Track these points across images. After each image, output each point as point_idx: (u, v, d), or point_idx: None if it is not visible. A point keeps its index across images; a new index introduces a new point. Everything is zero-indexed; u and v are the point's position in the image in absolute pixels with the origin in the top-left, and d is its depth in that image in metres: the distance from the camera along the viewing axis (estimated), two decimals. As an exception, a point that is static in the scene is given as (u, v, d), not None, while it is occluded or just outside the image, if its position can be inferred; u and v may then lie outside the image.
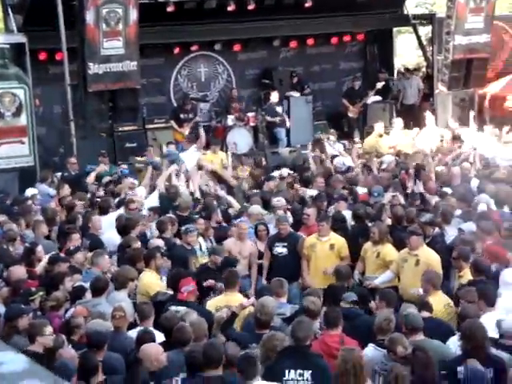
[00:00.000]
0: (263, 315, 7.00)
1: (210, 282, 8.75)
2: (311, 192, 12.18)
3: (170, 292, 8.16)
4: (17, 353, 1.70)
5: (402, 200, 11.19)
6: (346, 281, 8.62)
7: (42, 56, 16.14)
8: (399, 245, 9.51)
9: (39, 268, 8.99)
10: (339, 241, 9.90)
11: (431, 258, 8.97)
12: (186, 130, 16.85)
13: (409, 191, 11.75)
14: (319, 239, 9.87)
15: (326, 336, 6.85)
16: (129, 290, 8.28)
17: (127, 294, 8.25)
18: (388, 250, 9.47)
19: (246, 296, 8.28)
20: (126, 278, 8.23)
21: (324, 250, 9.80)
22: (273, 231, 10.49)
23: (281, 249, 10.04)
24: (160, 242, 9.57)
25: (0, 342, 2.20)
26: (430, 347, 6.43)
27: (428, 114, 17.11)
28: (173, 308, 7.70)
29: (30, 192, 12.72)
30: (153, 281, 8.61)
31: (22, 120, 15.21)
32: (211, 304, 8.17)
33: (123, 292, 8.16)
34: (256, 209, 11.02)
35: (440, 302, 7.78)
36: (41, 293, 7.94)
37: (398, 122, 16.78)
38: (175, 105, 18.14)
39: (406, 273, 9.03)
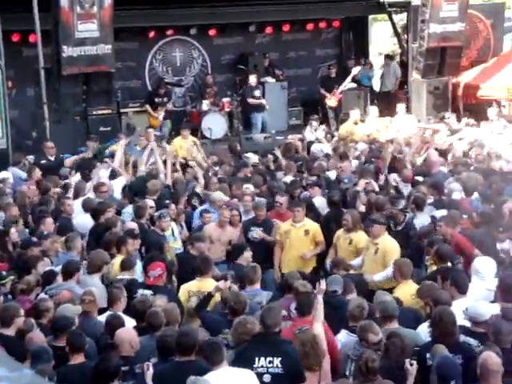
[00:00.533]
0: (237, 304, 7.03)
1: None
2: (286, 178, 12.19)
3: (129, 276, 8.14)
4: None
5: (376, 187, 11.25)
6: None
7: (16, 38, 15.98)
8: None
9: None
10: (313, 226, 9.94)
11: (389, 247, 9.01)
12: (161, 115, 16.77)
13: (382, 179, 11.80)
14: (294, 225, 9.88)
15: (298, 322, 6.88)
16: (101, 274, 8.25)
17: (100, 279, 8.22)
18: (360, 238, 9.51)
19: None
20: (100, 261, 8.19)
21: (299, 236, 9.83)
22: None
23: (255, 234, 10.07)
24: (134, 225, 9.55)
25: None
26: (403, 334, 6.49)
27: (400, 104, 17.12)
28: (139, 291, 7.72)
29: (1, 175, 12.60)
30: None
31: (-5, 102, 15.05)
32: (184, 288, 8.18)
33: (96, 276, 8.14)
34: (218, 195, 10.98)
35: (409, 291, 7.84)
36: (12, 277, 7.90)
37: (373, 109, 16.83)
38: (150, 89, 18.05)
39: (367, 261, 9.11)
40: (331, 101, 18.24)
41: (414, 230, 9.75)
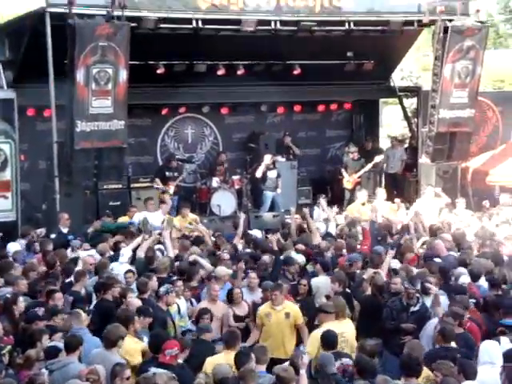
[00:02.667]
0: None
1: None
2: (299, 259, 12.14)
3: None
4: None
5: (383, 278, 11.01)
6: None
7: (30, 112, 16.27)
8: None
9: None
10: (294, 309, 9.74)
11: None
12: (171, 189, 16.88)
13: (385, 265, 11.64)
14: (274, 308, 9.65)
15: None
16: (118, 348, 8.08)
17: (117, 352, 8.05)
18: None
19: None
20: (117, 336, 8.06)
21: (279, 319, 9.60)
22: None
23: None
24: (138, 303, 9.49)
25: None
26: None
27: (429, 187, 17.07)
28: (152, 369, 7.60)
29: (12, 247, 12.63)
30: (132, 346, 8.44)
31: (7, 175, 15.23)
32: (210, 361, 8.07)
33: (114, 350, 7.97)
34: (222, 270, 10.93)
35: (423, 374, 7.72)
36: (8, 347, 7.82)
37: (381, 192, 16.89)
38: (162, 163, 18.21)
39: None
40: (348, 183, 18.36)
41: (428, 311, 9.64)
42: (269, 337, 9.58)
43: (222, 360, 7.98)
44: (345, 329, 8.91)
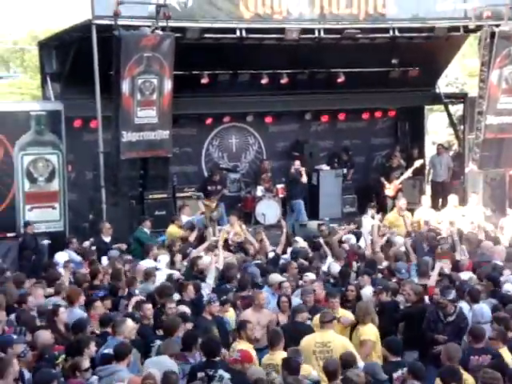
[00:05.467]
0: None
1: None
2: (335, 267, 12.08)
3: None
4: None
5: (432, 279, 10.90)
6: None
7: (77, 123, 16.46)
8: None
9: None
10: (346, 314, 9.64)
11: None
12: (214, 203, 16.91)
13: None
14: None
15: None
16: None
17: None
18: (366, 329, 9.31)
19: None
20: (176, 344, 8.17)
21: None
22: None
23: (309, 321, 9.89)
24: (186, 309, 9.52)
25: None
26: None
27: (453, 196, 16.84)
28: (219, 372, 7.72)
29: (60, 257, 12.77)
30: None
31: (55, 185, 15.48)
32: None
33: (173, 359, 8.02)
34: (276, 276, 10.95)
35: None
36: (63, 355, 7.89)
37: (426, 199, 16.69)
38: (206, 174, 18.29)
39: None
40: (389, 190, 18.23)
41: (466, 321, 9.49)
42: None
43: (266, 360, 8.11)
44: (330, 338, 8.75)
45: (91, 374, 7.69)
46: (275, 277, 10.98)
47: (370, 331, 9.15)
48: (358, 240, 14.33)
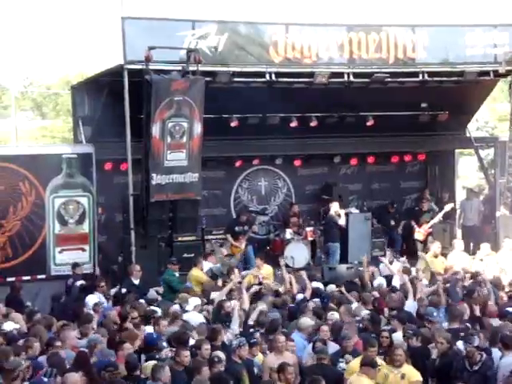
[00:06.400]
0: None
1: None
2: (363, 312, 11.93)
3: None
4: None
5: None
6: None
7: (108, 166, 16.60)
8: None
9: None
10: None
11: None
12: (242, 243, 16.89)
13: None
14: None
15: None
16: None
17: None
18: (412, 371, 9.15)
19: None
20: None
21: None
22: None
23: (344, 365, 9.73)
24: (220, 354, 9.43)
25: None
26: None
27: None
28: None
29: (91, 300, 12.78)
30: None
31: (85, 227, 15.58)
32: None
33: None
34: (306, 321, 10.86)
35: None
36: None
37: (459, 243, 16.53)
38: (234, 217, 18.31)
39: None
40: (419, 234, 18.10)
41: (492, 370, 9.28)
42: None
43: None
44: None
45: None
46: (306, 321, 10.87)
47: (415, 372, 9.02)
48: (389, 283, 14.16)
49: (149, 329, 10.79)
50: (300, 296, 13.03)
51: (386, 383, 9.20)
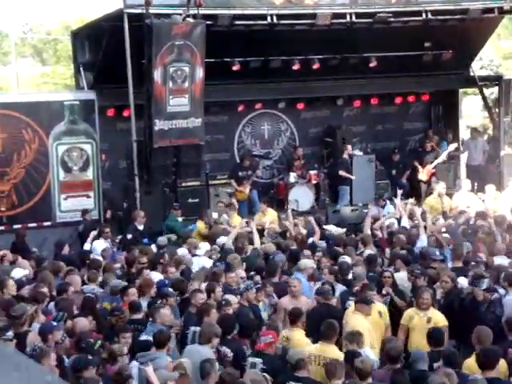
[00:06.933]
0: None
1: None
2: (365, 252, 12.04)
3: None
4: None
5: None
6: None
7: (110, 112, 16.55)
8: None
9: None
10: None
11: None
12: (247, 188, 16.93)
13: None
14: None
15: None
16: (212, 345, 8.13)
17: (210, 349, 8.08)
18: (438, 316, 9.20)
19: None
20: (212, 333, 8.12)
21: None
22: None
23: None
24: (231, 297, 9.58)
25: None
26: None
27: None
28: (249, 359, 7.77)
29: (98, 245, 12.89)
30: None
31: (89, 174, 15.61)
32: (309, 350, 8.12)
33: (207, 347, 8.03)
34: (306, 262, 11.02)
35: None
36: (99, 341, 7.98)
37: (466, 183, 16.54)
38: (237, 161, 18.31)
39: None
40: (422, 174, 18.10)
41: (501, 308, 9.39)
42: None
43: (315, 351, 8.05)
44: None
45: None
46: (306, 262, 10.99)
47: (442, 317, 9.11)
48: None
49: (155, 275, 10.89)
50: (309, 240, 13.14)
51: (410, 324, 9.30)
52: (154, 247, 12.79)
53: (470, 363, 7.63)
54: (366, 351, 7.93)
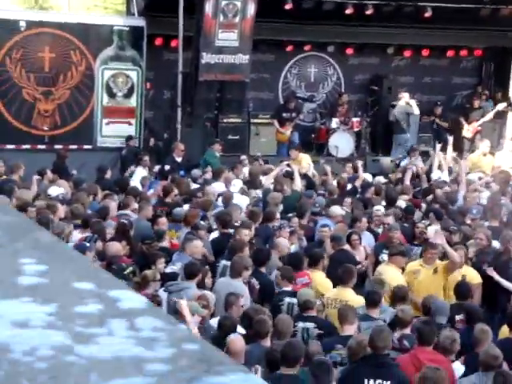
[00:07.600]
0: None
1: None
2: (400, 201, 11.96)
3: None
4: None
5: None
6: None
7: (158, 41, 16.46)
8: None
9: None
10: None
11: None
12: (288, 130, 16.84)
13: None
14: (424, 266, 9.17)
15: (418, 351, 6.67)
16: (243, 278, 8.21)
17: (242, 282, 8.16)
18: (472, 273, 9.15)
19: None
20: (242, 266, 8.18)
21: (428, 276, 9.11)
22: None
23: (386, 257, 9.83)
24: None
25: (118, 281, 2.15)
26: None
27: None
28: (287, 300, 7.83)
29: (139, 173, 12.95)
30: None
31: (132, 101, 15.64)
32: (327, 294, 8.24)
33: (238, 280, 8.09)
34: (336, 209, 10.99)
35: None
36: (131, 268, 8.09)
37: (508, 142, 16.29)
38: (281, 102, 18.18)
39: None
40: (467, 131, 17.84)
41: None
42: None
43: (333, 294, 8.14)
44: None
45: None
46: (336, 208, 10.98)
47: (476, 274, 9.06)
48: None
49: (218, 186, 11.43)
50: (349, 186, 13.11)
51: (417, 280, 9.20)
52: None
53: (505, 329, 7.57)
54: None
